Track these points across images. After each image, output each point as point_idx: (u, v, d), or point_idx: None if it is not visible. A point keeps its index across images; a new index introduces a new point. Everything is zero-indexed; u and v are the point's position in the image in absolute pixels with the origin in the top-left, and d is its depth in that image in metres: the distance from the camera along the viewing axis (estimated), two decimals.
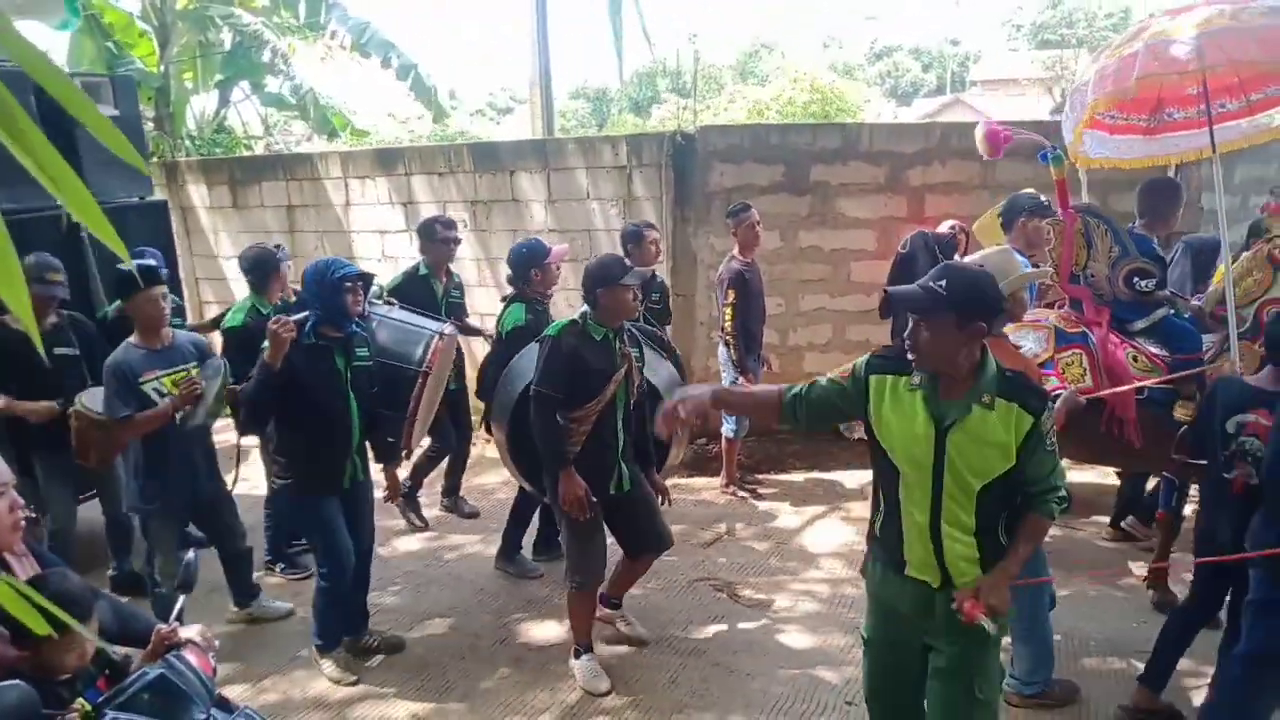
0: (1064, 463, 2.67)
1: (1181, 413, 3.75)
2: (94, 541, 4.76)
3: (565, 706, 3.60)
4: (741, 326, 5.31)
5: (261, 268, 4.65)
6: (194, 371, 3.76)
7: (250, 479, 5.19)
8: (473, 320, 5.76)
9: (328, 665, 3.78)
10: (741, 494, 5.72)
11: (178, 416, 3.68)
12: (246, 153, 10.96)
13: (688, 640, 4.05)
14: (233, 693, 3.16)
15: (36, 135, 0.86)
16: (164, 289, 3.79)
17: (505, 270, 4.73)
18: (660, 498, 3.84)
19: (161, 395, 3.66)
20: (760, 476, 6.04)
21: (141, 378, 3.65)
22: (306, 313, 3.52)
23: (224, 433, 4.64)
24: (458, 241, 5.24)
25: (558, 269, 4.59)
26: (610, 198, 6.57)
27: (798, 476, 6.12)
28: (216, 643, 2.50)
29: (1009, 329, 3.34)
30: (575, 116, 32.89)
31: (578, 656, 3.75)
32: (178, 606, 2.50)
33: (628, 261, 3.77)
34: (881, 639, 2.58)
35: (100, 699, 2.10)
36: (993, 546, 2.33)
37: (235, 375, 3.91)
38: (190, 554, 2.65)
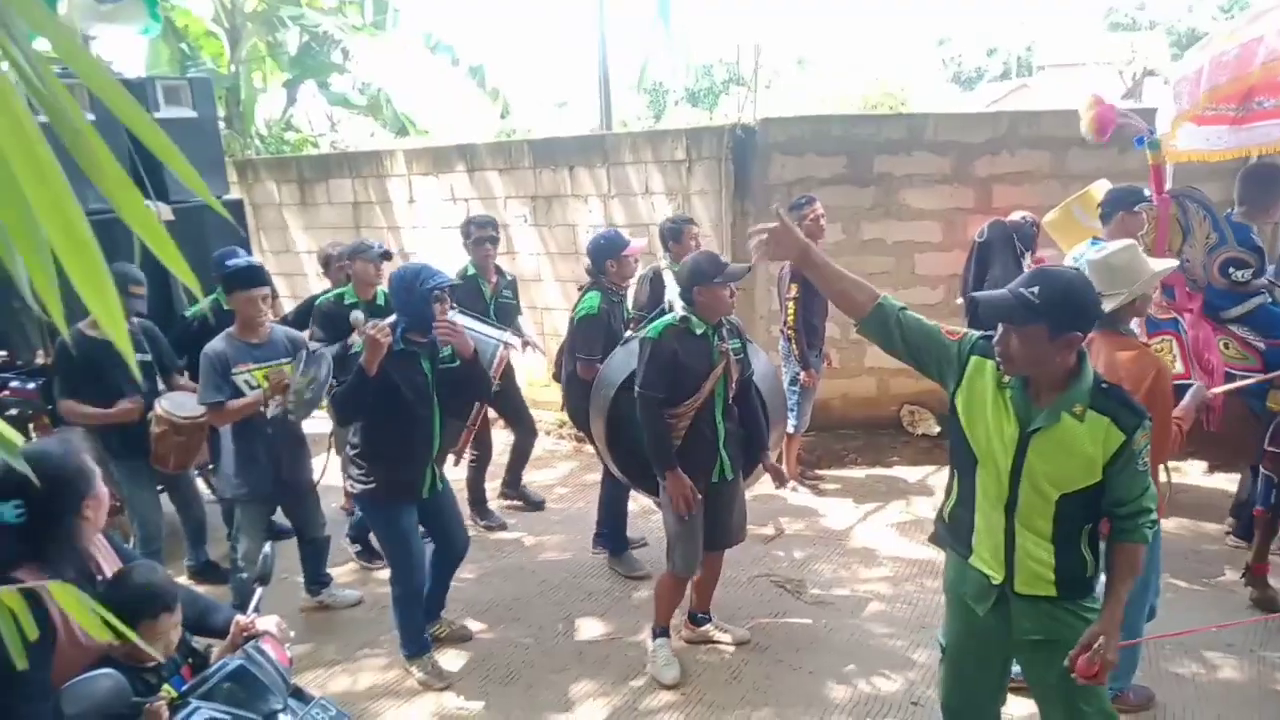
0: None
1: (1275, 404, 3.65)
2: (169, 534, 4.91)
3: (627, 696, 3.62)
4: (803, 321, 5.26)
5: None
6: (286, 366, 3.86)
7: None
8: (532, 314, 5.79)
9: (418, 672, 3.77)
10: (803, 489, 5.68)
11: (270, 406, 3.77)
12: (313, 150, 11.22)
13: (752, 637, 4.04)
14: (303, 680, 3.26)
15: (100, 149, 0.87)
16: (266, 290, 3.91)
17: (564, 264, 4.80)
18: (776, 480, 3.86)
19: (251, 387, 3.79)
20: (820, 472, 5.98)
21: (235, 368, 3.78)
22: (394, 317, 3.52)
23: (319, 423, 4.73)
24: (494, 240, 5.25)
25: (635, 261, 4.66)
26: (669, 191, 6.56)
27: (858, 472, 6.05)
28: (292, 633, 2.57)
29: None
30: (634, 113, 32.84)
31: (655, 637, 3.79)
32: (256, 598, 2.58)
33: (723, 258, 3.71)
34: (959, 649, 2.52)
35: (185, 687, 2.17)
36: (1070, 557, 2.27)
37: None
38: (268, 547, 2.73)
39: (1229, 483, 5.13)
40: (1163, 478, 3.27)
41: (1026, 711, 3.12)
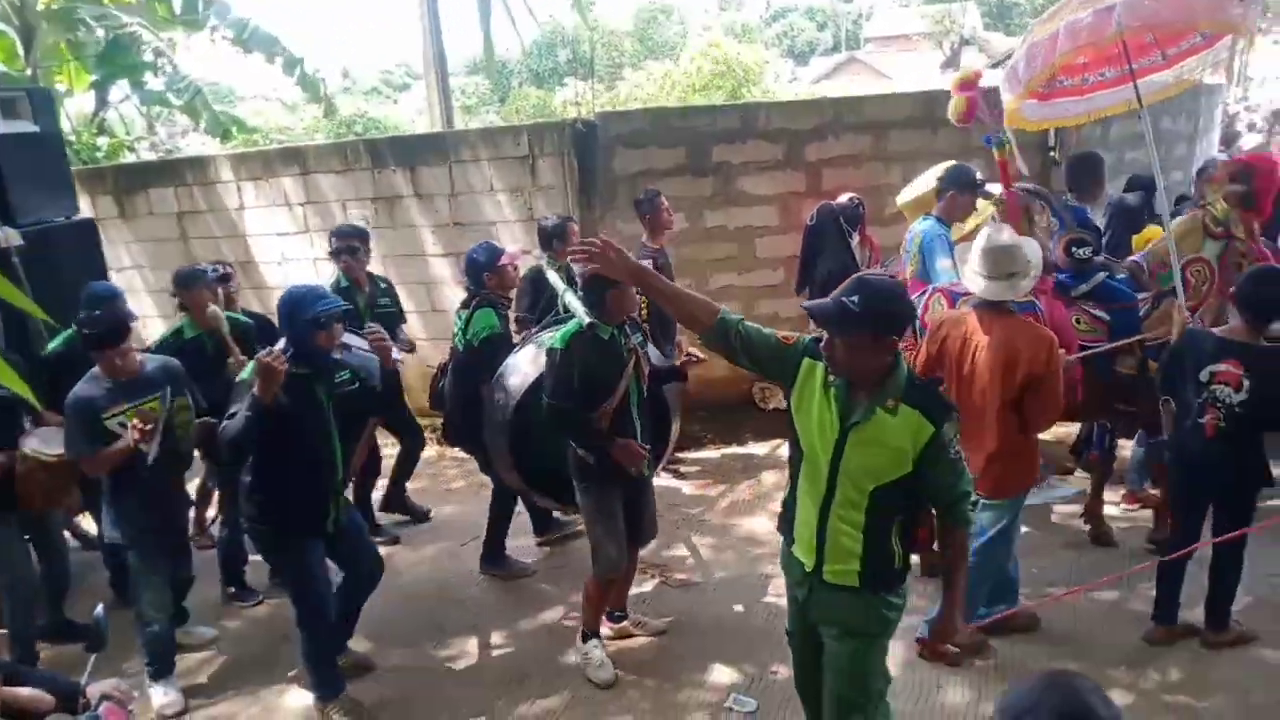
0: None
1: (1123, 368, 4.12)
2: None
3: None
4: (655, 312, 5.37)
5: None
6: (154, 404, 3.55)
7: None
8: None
9: (339, 715, 3.55)
10: (664, 473, 5.84)
11: (151, 449, 3.46)
12: (130, 154, 10.48)
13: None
14: None
15: None
16: (130, 344, 3.57)
17: (410, 267, 4.72)
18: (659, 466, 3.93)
19: (126, 429, 3.45)
20: (680, 456, 6.17)
21: (106, 414, 3.47)
22: (283, 342, 3.31)
23: None
24: (353, 250, 5.04)
25: (515, 269, 4.58)
26: (515, 189, 6.55)
27: (714, 453, 6.28)
28: (135, 693, 2.48)
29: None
30: (475, 93, 32.20)
31: (585, 640, 3.80)
32: (90, 664, 2.46)
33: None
34: (794, 630, 2.73)
35: None
36: (879, 549, 2.43)
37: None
38: (100, 609, 2.61)
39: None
40: None
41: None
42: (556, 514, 4.98)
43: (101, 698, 2.33)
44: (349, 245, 5.05)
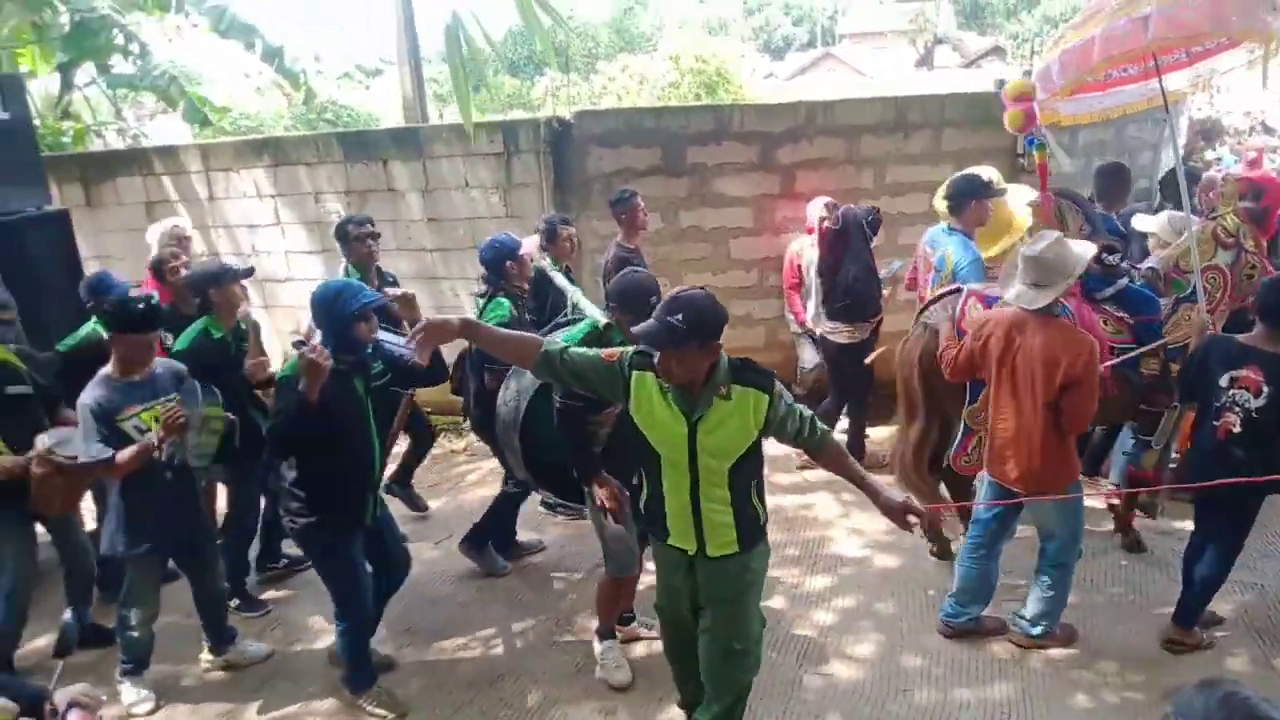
0: None
1: (1146, 369, 4.24)
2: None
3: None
4: None
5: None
6: (175, 401, 3.51)
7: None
8: None
9: (373, 706, 3.64)
10: None
11: (163, 451, 3.46)
12: (97, 140, 10.29)
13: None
14: None
15: None
16: (159, 333, 3.52)
17: (385, 261, 4.68)
18: None
19: (141, 431, 3.42)
20: None
21: (120, 415, 3.40)
22: (321, 336, 3.32)
23: None
24: (376, 236, 5.07)
25: (530, 260, 4.59)
26: (490, 186, 6.54)
27: None
28: (104, 697, 2.47)
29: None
30: (449, 82, 31.87)
31: (601, 640, 3.82)
32: (57, 672, 2.44)
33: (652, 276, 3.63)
34: (666, 606, 2.99)
35: None
36: (746, 513, 2.73)
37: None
38: (68, 614, 2.60)
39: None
40: None
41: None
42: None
43: (69, 704, 2.31)
44: (372, 233, 5.03)
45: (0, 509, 3.56)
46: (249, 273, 4.40)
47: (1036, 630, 3.80)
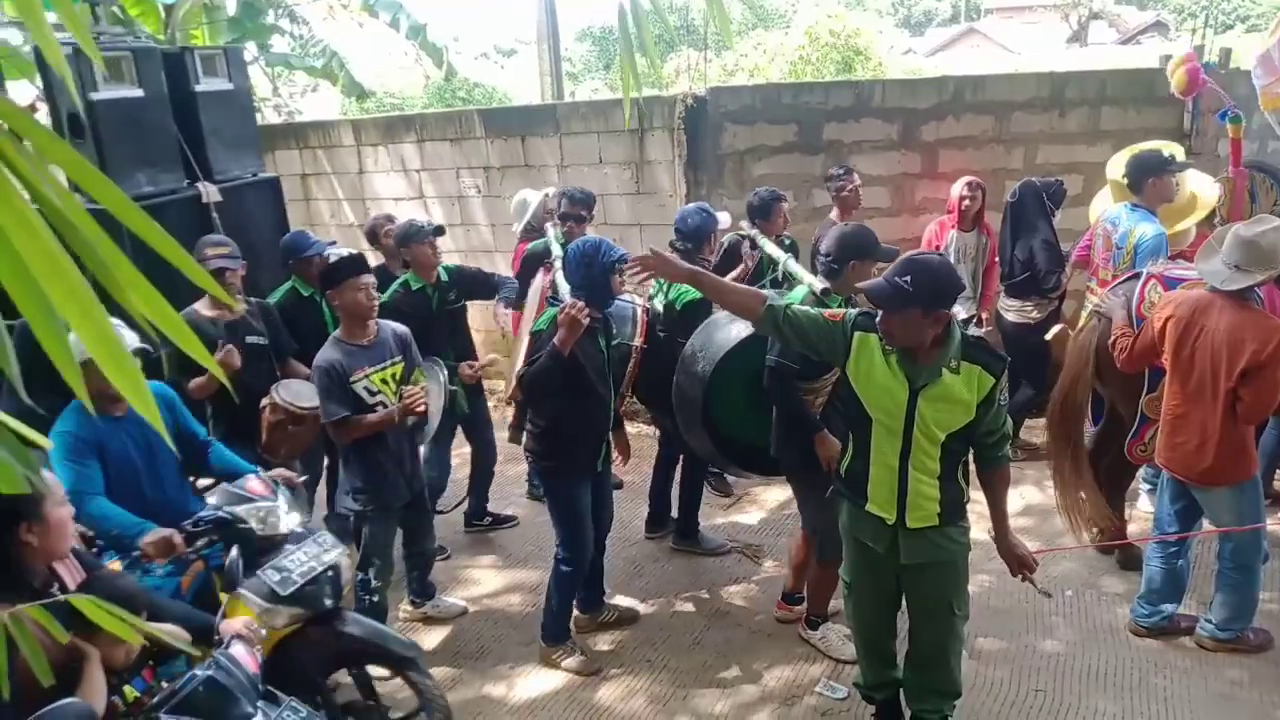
0: None
1: None
2: None
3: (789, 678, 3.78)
4: None
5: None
6: (421, 380, 3.69)
7: None
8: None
9: (567, 660, 3.77)
10: None
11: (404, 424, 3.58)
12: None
13: (711, 603, 4.25)
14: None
15: (114, 256, 0.95)
16: (371, 279, 3.57)
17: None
18: None
19: (371, 394, 3.51)
20: None
21: (352, 377, 3.48)
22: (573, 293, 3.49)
23: None
24: (580, 219, 5.05)
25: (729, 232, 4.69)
26: (624, 162, 6.60)
27: None
28: (263, 632, 2.66)
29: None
30: (581, 61, 32.26)
31: (815, 629, 3.82)
32: (224, 605, 2.65)
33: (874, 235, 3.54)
34: (859, 581, 2.95)
35: (156, 699, 2.25)
36: (951, 488, 2.71)
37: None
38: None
39: None
40: None
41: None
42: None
43: (234, 636, 2.50)
44: (577, 214, 5.07)
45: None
46: (439, 231, 4.51)
47: (1225, 635, 3.60)
